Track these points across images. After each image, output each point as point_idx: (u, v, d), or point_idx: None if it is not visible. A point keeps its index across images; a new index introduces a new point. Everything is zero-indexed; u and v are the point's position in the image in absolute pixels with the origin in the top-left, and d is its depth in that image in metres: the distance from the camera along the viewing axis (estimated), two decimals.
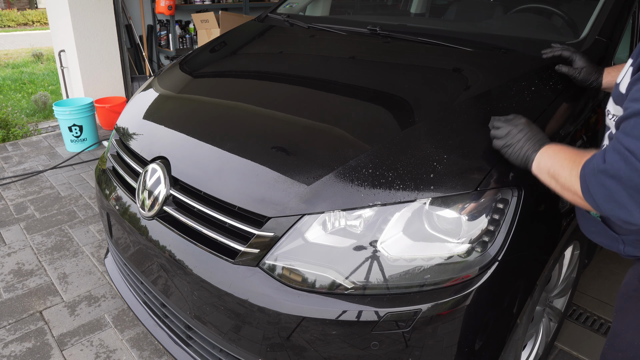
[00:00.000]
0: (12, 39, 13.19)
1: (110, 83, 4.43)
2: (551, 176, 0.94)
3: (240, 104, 1.64)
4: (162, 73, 2.09)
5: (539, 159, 0.99)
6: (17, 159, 3.74)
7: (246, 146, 1.38)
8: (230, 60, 2.10)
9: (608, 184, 0.74)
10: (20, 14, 17.43)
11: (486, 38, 1.75)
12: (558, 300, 1.80)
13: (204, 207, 1.32)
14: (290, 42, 2.13)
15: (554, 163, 0.94)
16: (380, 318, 1.09)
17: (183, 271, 1.31)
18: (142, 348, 1.88)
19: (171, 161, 1.45)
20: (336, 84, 1.64)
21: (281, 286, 1.16)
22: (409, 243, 1.12)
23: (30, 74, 7.71)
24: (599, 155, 0.79)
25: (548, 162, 0.97)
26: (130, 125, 1.77)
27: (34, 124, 4.72)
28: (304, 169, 1.24)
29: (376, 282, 1.11)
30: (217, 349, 1.39)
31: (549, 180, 0.96)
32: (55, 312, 2.08)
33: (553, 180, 0.94)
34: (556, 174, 0.92)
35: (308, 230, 1.16)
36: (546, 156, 0.98)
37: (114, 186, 1.66)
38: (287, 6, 2.53)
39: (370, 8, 3.29)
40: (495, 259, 1.13)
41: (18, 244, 2.59)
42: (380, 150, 1.23)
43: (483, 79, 1.51)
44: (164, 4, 4.77)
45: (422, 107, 1.40)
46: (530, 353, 1.67)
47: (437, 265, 1.11)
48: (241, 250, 1.21)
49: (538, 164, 0.99)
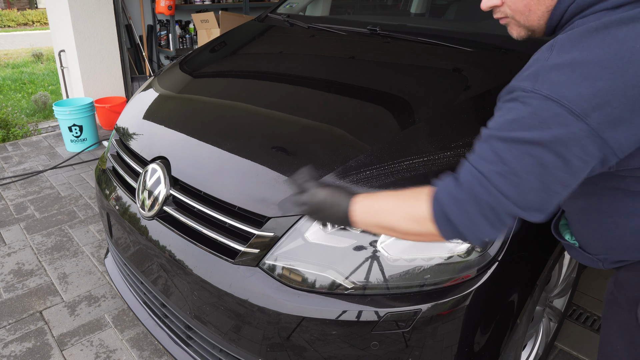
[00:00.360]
0: (12, 39, 13.19)
1: (110, 83, 4.43)
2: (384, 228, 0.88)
3: (240, 104, 1.64)
4: (162, 73, 2.09)
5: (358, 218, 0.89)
6: (17, 159, 3.74)
7: (246, 146, 1.38)
8: (230, 60, 2.10)
9: (466, 206, 0.77)
10: (20, 14, 17.43)
11: (486, 38, 1.75)
12: (558, 300, 1.80)
13: (204, 207, 1.32)
14: (290, 42, 2.13)
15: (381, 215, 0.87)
16: (380, 318, 1.09)
17: (183, 271, 1.31)
18: (142, 348, 1.88)
19: (171, 161, 1.45)
20: (336, 84, 1.64)
21: (281, 286, 1.16)
22: (408, 243, 1.12)
23: (30, 74, 7.71)
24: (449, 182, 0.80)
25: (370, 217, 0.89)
26: (130, 125, 1.77)
27: (34, 124, 4.72)
28: None
29: (376, 282, 1.11)
30: (217, 349, 1.39)
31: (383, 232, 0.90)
32: (55, 312, 2.08)
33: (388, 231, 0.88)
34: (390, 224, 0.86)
35: (308, 230, 1.16)
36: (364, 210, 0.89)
37: (114, 186, 1.66)
38: (287, 6, 2.53)
39: (370, 8, 3.29)
40: (495, 259, 1.13)
41: (18, 244, 2.59)
42: (380, 150, 1.23)
43: (483, 79, 1.51)
44: (164, 4, 4.77)
45: (422, 107, 1.40)
46: (530, 353, 1.67)
47: (437, 265, 1.11)
48: (241, 250, 1.21)
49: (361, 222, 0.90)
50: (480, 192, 0.76)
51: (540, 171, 0.72)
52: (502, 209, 0.75)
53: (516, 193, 0.74)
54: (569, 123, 0.70)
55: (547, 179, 0.73)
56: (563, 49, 0.73)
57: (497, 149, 0.75)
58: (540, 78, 0.73)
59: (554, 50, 0.74)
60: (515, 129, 0.73)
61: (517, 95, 0.75)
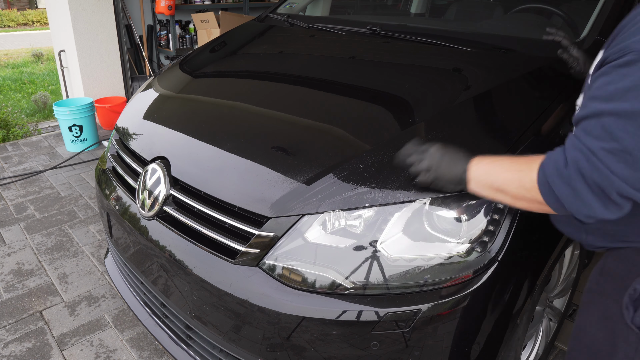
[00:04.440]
0: (12, 39, 13.19)
1: (110, 83, 4.43)
2: (497, 190, 0.88)
3: (240, 104, 1.64)
4: (162, 73, 2.09)
5: (474, 176, 0.92)
6: (17, 159, 3.74)
7: (246, 146, 1.38)
8: (230, 60, 2.10)
9: (573, 183, 0.72)
10: (20, 14, 17.43)
11: (486, 38, 1.75)
12: (558, 300, 1.80)
13: (204, 207, 1.32)
14: (290, 42, 2.13)
15: (494, 177, 0.89)
16: (380, 318, 1.09)
17: (183, 271, 1.31)
18: (142, 348, 1.88)
19: (171, 161, 1.45)
20: (336, 84, 1.64)
21: (281, 286, 1.16)
22: (409, 243, 1.12)
23: (30, 74, 7.71)
24: (558, 155, 0.77)
25: (486, 177, 0.91)
26: (130, 125, 1.77)
27: (34, 124, 4.72)
28: (304, 168, 1.24)
29: (376, 282, 1.11)
30: (217, 349, 1.39)
31: (495, 194, 0.90)
32: (55, 312, 2.08)
33: (500, 194, 0.89)
34: (502, 186, 0.86)
35: (308, 230, 1.16)
36: (481, 171, 0.92)
37: (114, 186, 1.66)
38: (287, 6, 2.53)
39: (370, 8, 3.29)
40: (495, 259, 1.13)
41: (18, 244, 2.59)
42: (380, 150, 1.23)
43: (483, 79, 1.51)
44: (164, 4, 4.77)
45: (422, 107, 1.40)
46: (530, 353, 1.67)
47: (437, 265, 1.11)
48: (241, 250, 1.21)
49: (475, 181, 0.92)
50: (588, 170, 0.69)
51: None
52: (613, 189, 0.69)
53: (630, 173, 0.67)
54: None
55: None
56: None
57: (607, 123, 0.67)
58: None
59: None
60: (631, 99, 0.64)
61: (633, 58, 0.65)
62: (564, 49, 1.38)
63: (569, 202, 0.74)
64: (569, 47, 1.38)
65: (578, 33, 1.64)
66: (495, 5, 2.31)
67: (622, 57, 0.68)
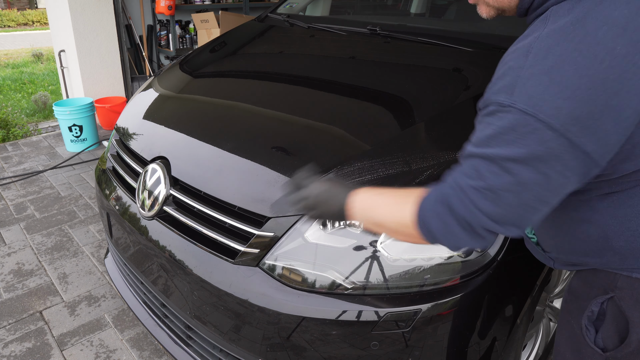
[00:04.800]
0: (12, 39, 13.19)
1: (110, 83, 4.43)
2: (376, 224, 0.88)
3: (240, 104, 1.64)
4: (162, 73, 2.09)
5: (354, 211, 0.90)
6: (17, 159, 3.74)
7: (246, 146, 1.38)
8: (230, 60, 2.10)
9: (444, 217, 0.76)
10: (20, 14, 17.43)
11: (486, 38, 1.75)
12: (558, 300, 1.80)
13: (204, 207, 1.32)
14: (290, 42, 2.13)
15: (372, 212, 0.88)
16: (380, 318, 1.09)
17: (183, 271, 1.31)
18: (142, 348, 1.88)
19: (171, 161, 1.45)
20: (336, 84, 1.64)
21: (281, 286, 1.16)
22: (408, 243, 1.12)
23: (30, 74, 7.71)
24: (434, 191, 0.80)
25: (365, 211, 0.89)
26: (130, 125, 1.77)
27: (34, 124, 4.72)
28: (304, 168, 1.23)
29: (376, 282, 1.11)
30: (217, 349, 1.39)
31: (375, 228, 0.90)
32: (55, 312, 2.08)
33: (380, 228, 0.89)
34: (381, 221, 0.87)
35: (308, 230, 1.16)
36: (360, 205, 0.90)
37: (114, 186, 1.66)
38: (287, 6, 2.53)
39: (370, 8, 3.29)
40: (495, 259, 1.13)
41: (18, 244, 2.59)
42: (380, 150, 1.23)
43: (483, 79, 1.51)
44: (164, 4, 4.77)
45: (422, 107, 1.40)
46: (530, 353, 1.67)
47: (437, 265, 1.11)
48: (241, 250, 1.21)
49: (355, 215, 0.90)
50: (457, 206, 0.74)
51: (518, 189, 0.69)
52: (477, 224, 0.73)
53: (493, 209, 0.72)
54: (548, 138, 0.66)
55: (525, 196, 0.70)
56: (539, 55, 0.68)
57: (475, 164, 0.73)
58: (516, 90, 0.68)
59: (530, 56, 0.69)
60: (494, 145, 0.70)
61: (493, 109, 0.71)
62: None
63: (441, 235, 0.78)
64: None
65: None
66: None
67: (486, 107, 0.74)
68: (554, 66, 0.66)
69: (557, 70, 0.66)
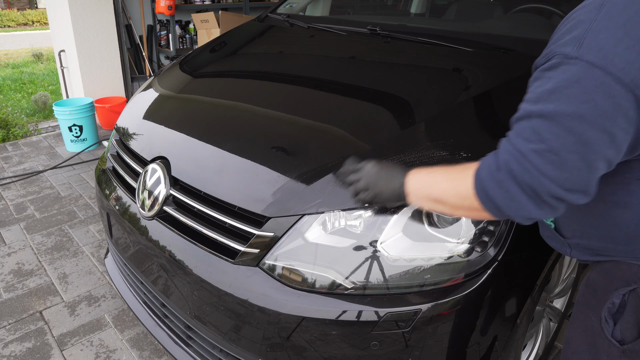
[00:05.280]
0: (12, 39, 13.19)
1: (110, 83, 4.43)
2: (435, 201, 0.89)
3: (240, 104, 1.64)
4: (162, 73, 2.09)
5: (411, 189, 0.92)
6: (17, 159, 3.74)
7: (246, 146, 1.38)
8: (230, 60, 2.10)
9: (506, 185, 0.73)
10: (20, 14, 17.43)
11: (486, 38, 1.75)
12: (558, 300, 1.80)
13: (204, 207, 1.32)
14: (290, 42, 2.13)
15: (432, 188, 0.89)
16: (380, 318, 1.09)
17: (183, 271, 1.31)
18: (142, 348, 1.88)
19: (171, 161, 1.45)
20: (336, 84, 1.64)
21: (281, 286, 1.16)
22: (409, 243, 1.12)
23: (30, 74, 7.71)
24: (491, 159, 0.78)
25: (424, 189, 0.91)
26: (130, 125, 1.77)
27: (34, 124, 4.72)
28: (303, 168, 1.24)
29: (376, 282, 1.11)
30: (217, 349, 1.39)
31: (434, 206, 0.91)
32: (55, 312, 2.08)
33: (439, 205, 0.89)
34: (441, 197, 0.87)
35: (308, 230, 1.16)
36: (417, 184, 0.92)
37: (114, 186, 1.66)
38: (287, 6, 2.53)
39: (370, 8, 3.29)
40: (495, 259, 1.13)
41: (18, 244, 2.59)
42: (380, 150, 1.23)
43: (483, 79, 1.51)
44: (164, 4, 4.77)
45: (422, 107, 1.40)
46: (530, 353, 1.67)
47: (437, 265, 1.11)
48: (241, 250, 1.21)
49: (413, 194, 0.92)
50: (519, 172, 0.71)
51: (583, 149, 0.66)
52: (543, 190, 0.70)
53: (557, 173, 0.68)
54: (615, 93, 0.63)
55: (590, 157, 0.67)
56: (614, 8, 0.65)
57: (535, 126, 0.69)
58: (585, 42, 0.65)
59: (603, 10, 0.66)
60: (554, 100, 0.66)
61: (557, 62, 0.67)
62: None
63: (505, 205, 0.75)
64: None
65: None
66: (495, 5, 2.31)
67: (548, 61, 0.70)
68: (630, 20, 0.64)
69: (633, 24, 0.63)
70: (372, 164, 1.00)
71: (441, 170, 0.90)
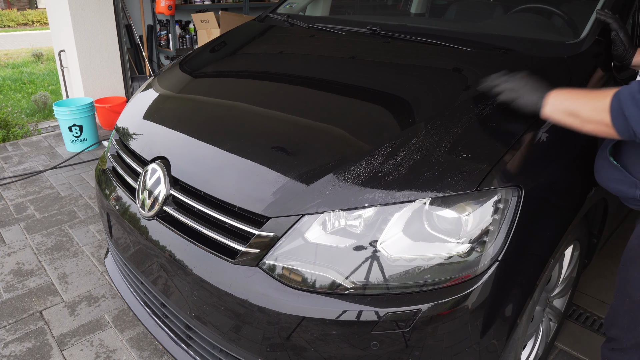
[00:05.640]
0: (12, 39, 13.19)
1: (110, 83, 4.43)
2: (569, 114, 1.06)
3: (240, 104, 1.64)
4: (162, 73, 2.09)
5: (551, 101, 1.12)
6: (17, 159, 3.74)
7: (246, 146, 1.38)
8: (230, 60, 2.10)
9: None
10: (20, 14, 17.43)
11: (486, 38, 1.75)
12: (558, 300, 1.80)
13: (203, 207, 1.32)
14: (290, 42, 2.13)
15: (570, 102, 1.07)
16: (380, 318, 1.09)
17: (183, 271, 1.31)
18: (142, 348, 1.88)
19: (171, 161, 1.45)
20: (336, 84, 1.64)
21: (281, 286, 1.16)
22: (409, 243, 1.12)
23: (30, 74, 7.71)
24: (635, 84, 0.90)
25: (562, 102, 1.09)
26: (130, 125, 1.77)
27: (34, 124, 4.72)
28: (304, 168, 1.24)
29: (376, 282, 1.11)
30: (217, 349, 1.39)
31: (566, 118, 1.09)
32: (55, 312, 2.08)
33: (571, 117, 1.07)
34: (576, 110, 1.05)
35: (308, 230, 1.16)
36: (559, 98, 1.11)
37: (114, 186, 1.66)
38: (287, 6, 2.53)
39: (370, 8, 3.29)
40: (495, 259, 1.13)
41: (18, 244, 2.59)
42: (380, 150, 1.23)
43: (483, 79, 1.51)
44: (164, 4, 4.77)
45: (422, 107, 1.40)
46: (530, 353, 1.67)
47: (437, 265, 1.11)
48: (241, 250, 1.21)
49: (551, 105, 1.12)
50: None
51: None
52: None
53: None
54: None
55: None
56: None
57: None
58: None
59: None
60: None
61: None
62: (614, 31, 1.48)
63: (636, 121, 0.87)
64: (618, 30, 1.48)
65: (578, 33, 1.64)
66: (495, 5, 2.31)
67: None
68: None
69: None
70: (523, 73, 1.21)
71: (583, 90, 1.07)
